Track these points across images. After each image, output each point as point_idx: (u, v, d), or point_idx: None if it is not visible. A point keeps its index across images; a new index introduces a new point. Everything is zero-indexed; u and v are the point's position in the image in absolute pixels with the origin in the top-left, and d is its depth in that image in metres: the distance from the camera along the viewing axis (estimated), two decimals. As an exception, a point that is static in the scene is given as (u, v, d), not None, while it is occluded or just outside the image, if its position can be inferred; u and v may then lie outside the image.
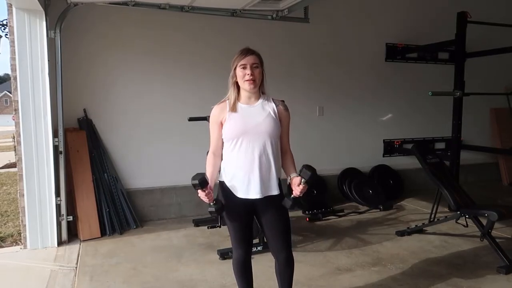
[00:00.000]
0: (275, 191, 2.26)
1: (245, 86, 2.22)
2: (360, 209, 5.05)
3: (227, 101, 2.29)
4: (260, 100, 2.28)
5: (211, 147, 2.37)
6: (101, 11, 4.25)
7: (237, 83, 2.26)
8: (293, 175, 2.28)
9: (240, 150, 2.23)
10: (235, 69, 2.24)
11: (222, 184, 2.32)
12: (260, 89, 2.28)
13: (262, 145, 2.23)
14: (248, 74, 2.19)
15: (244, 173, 2.23)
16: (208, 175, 2.25)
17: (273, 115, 2.27)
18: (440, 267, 3.37)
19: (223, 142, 2.32)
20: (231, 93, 2.27)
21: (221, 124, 2.29)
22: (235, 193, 2.27)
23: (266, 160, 2.23)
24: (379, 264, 3.43)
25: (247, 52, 2.23)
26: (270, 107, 2.29)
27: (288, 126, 2.36)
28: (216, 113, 2.31)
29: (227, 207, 2.28)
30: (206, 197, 2.19)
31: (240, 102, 2.27)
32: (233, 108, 2.25)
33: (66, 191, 3.97)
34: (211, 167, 2.32)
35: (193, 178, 2.13)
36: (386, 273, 3.26)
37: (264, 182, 2.23)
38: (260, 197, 2.23)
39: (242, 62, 2.20)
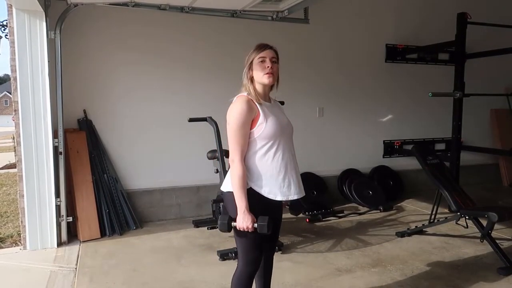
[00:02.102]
0: (303, 189, 2.24)
1: (263, 79, 2.10)
2: (360, 210, 5.04)
3: (249, 96, 2.10)
4: (273, 101, 2.24)
5: (239, 154, 2.03)
6: (101, 12, 4.25)
7: (252, 78, 2.13)
8: None
9: (278, 150, 2.09)
10: (251, 63, 2.12)
11: (251, 191, 2.07)
12: (274, 86, 2.19)
13: (292, 144, 2.20)
14: (268, 67, 2.08)
15: (284, 175, 2.10)
16: (244, 191, 2.01)
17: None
18: (440, 268, 3.37)
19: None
20: (251, 89, 2.11)
21: (251, 123, 2.06)
22: (273, 197, 2.09)
23: (295, 159, 2.20)
24: (379, 265, 3.43)
25: (265, 46, 2.14)
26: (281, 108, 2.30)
27: None
28: (248, 110, 2.03)
29: (254, 214, 2.04)
30: (249, 223, 1.99)
31: None
32: (262, 103, 2.10)
33: (65, 192, 3.97)
34: (244, 179, 2.02)
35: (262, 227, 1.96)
36: (386, 274, 3.25)
37: (299, 181, 2.19)
38: (301, 196, 2.18)
39: (262, 55, 2.10)
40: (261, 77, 2.11)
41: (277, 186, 2.10)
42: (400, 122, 6.01)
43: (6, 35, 5.98)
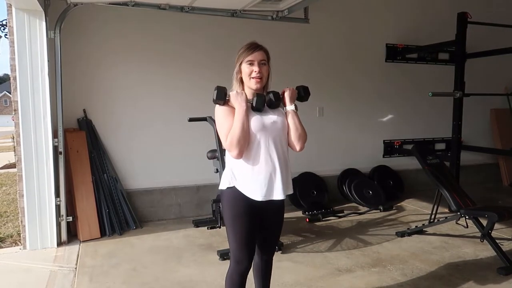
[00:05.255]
0: (291, 190, 2.19)
1: (251, 84, 2.09)
2: (360, 209, 5.04)
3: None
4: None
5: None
6: (101, 12, 4.25)
7: (241, 79, 2.13)
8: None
9: (259, 148, 2.06)
10: (240, 64, 2.10)
11: (229, 192, 2.11)
12: (265, 88, 2.15)
13: (280, 143, 2.11)
14: (255, 72, 2.06)
15: (265, 173, 2.06)
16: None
17: (283, 113, 2.21)
18: (440, 268, 3.37)
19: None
20: (238, 90, 2.11)
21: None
22: (254, 197, 2.07)
23: (285, 159, 2.13)
24: (379, 265, 3.42)
25: (255, 47, 2.10)
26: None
27: None
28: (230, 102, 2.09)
29: (238, 214, 2.09)
30: (243, 101, 2.04)
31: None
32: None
33: (65, 192, 3.96)
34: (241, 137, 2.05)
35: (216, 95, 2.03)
36: (386, 274, 3.25)
37: (284, 181, 2.12)
38: (283, 198, 2.11)
39: (250, 58, 2.07)
40: (248, 81, 2.10)
41: (260, 185, 2.06)
42: (400, 122, 6.01)
43: (6, 34, 5.98)
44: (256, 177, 2.06)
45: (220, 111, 2.08)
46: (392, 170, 5.85)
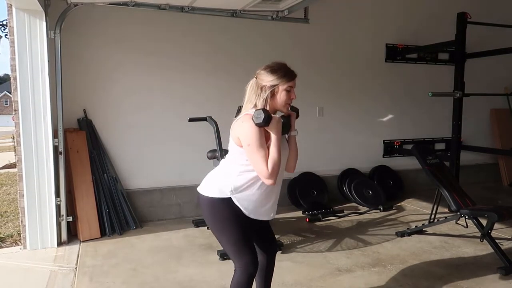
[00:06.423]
0: None
1: (283, 109, 2.06)
2: (360, 209, 5.04)
3: None
4: None
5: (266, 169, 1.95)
6: (101, 12, 4.25)
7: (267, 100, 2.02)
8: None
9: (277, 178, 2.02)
10: (275, 86, 2.01)
11: (220, 201, 2.05)
12: None
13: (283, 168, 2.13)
14: (293, 99, 2.06)
15: (273, 200, 2.12)
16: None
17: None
18: (440, 268, 3.37)
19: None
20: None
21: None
22: (253, 217, 2.08)
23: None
24: (379, 264, 3.43)
25: (295, 74, 2.07)
26: None
27: None
28: (263, 130, 1.98)
29: (229, 218, 2.06)
30: (280, 128, 1.97)
31: None
32: None
33: (65, 192, 3.96)
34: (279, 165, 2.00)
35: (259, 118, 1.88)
36: (386, 274, 3.25)
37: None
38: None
39: (291, 84, 2.04)
40: (282, 106, 2.06)
41: (264, 210, 2.10)
42: (400, 122, 6.01)
43: (6, 34, 5.98)
44: (265, 203, 2.09)
45: (257, 134, 1.92)
46: (392, 170, 5.85)
